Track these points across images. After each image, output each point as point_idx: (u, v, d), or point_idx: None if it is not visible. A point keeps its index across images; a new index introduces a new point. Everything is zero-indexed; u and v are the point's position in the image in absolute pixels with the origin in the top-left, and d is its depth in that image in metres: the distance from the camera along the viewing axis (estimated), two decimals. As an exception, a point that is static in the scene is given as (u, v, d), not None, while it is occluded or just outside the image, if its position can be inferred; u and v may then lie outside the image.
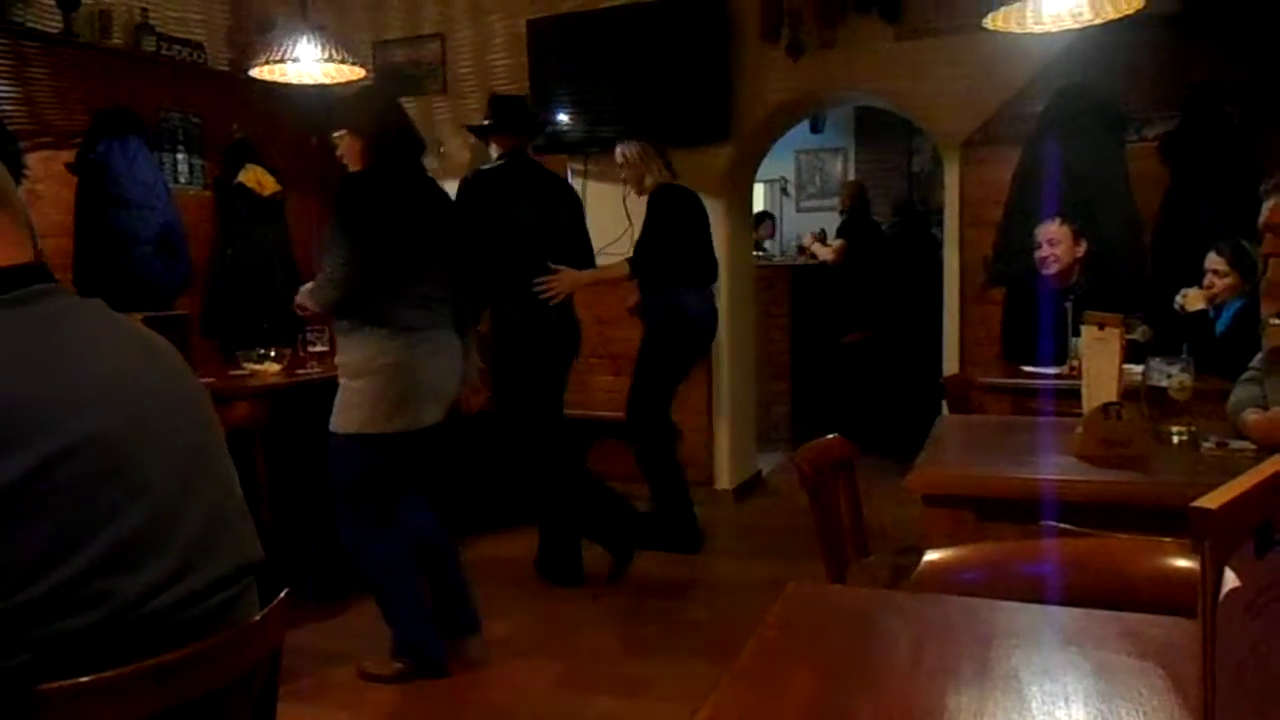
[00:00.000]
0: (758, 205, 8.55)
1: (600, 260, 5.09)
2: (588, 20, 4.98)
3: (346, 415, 2.81)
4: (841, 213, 6.75)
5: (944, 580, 1.25)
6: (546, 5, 5.13)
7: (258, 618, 1.26)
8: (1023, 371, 3.42)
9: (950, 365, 4.59)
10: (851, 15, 4.55)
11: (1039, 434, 2.26)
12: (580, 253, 3.90)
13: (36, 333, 1.11)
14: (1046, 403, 2.99)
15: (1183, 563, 1.18)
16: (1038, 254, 3.78)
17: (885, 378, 6.02)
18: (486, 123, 3.86)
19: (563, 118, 5.07)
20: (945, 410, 3.55)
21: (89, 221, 4.26)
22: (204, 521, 1.18)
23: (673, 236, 4.08)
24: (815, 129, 8.64)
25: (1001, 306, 4.22)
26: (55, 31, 4.18)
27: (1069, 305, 3.48)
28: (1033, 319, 3.64)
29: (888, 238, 6.78)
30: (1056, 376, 3.25)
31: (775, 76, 4.76)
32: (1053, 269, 3.75)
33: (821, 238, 6.98)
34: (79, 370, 1.11)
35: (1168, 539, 1.22)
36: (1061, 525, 1.52)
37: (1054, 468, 1.84)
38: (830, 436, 2.41)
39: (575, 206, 4.02)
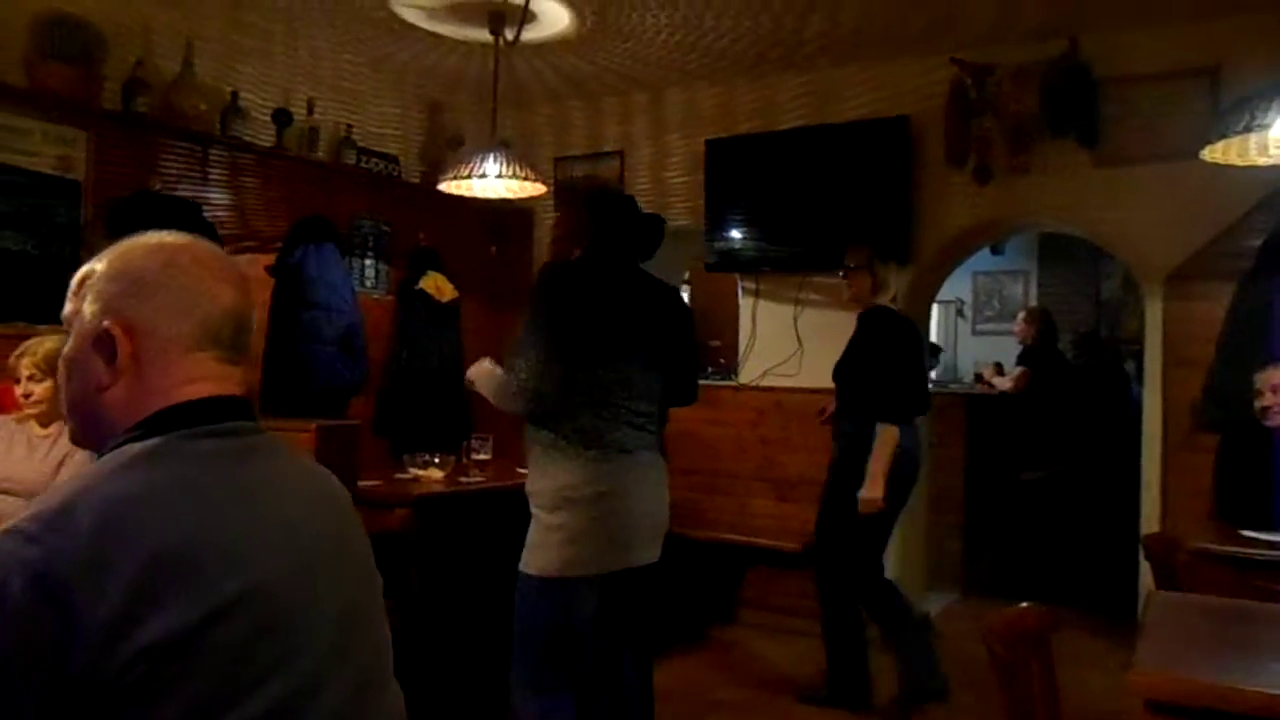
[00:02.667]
0: (932, 328, 8.30)
1: (768, 380, 4.99)
2: (766, 141, 4.98)
3: (542, 554, 2.38)
4: (1022, 342, 6.40)
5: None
6: (725, 125, 5.17)
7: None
8: (1244, 538, 3.03)
9: (1150, 519, 4.17)
10: (1045, 140, 4.35)
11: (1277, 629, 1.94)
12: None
13: (222, 472, 1.07)
14: (1276, 579, 2.61)
15: None
16: (1259, 403, 3.40)
17: (1070, 520, 5.56)
18: None
19: (736, 236, 5.04)
20: (1145, 572, 3.19)
21: (281, 322, 4.47)
22: (354, 687, 1.10)
23: (886, 362, 3.68)
24: (995, 250, 8.32)
25: (1214, 456, 3.81)
26: (268, 145, 4.48)
27: (1300, 464, 3.10)
28: (1255, 475, 3.26)
29: (1073, 369, 6.37)
30: (1286, 547, 2.86)
31: (960, 201, 4.60)
32: (1277, 420, 3.36)
33: (999, 370, 6.63)
34: (257, 518, 1.07)
35: None
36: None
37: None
38: (1024, 605, 2.16)
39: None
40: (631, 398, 2.45)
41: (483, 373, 2.56)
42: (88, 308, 1.11)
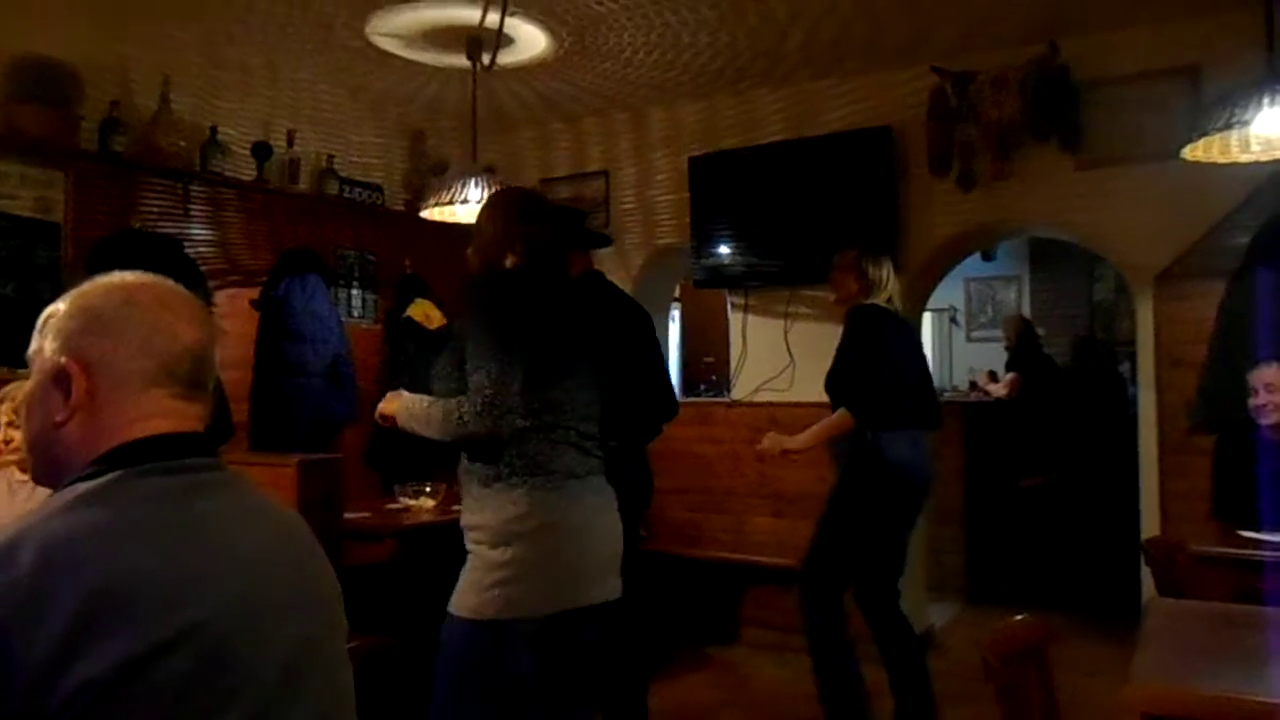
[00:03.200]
0: (925, 335, 8.27)
1: (761, 395, 4.96)
2: (750, 156, 4.96)
3: (477, 595, 2.08)
4: (1007, 349, 6.39)
5: None
6: (708, 141, 5.16)
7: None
8: (1242, 538, 2.99)
9: (1150, 522, 4.12)
10: (1028, 145, 4.34)
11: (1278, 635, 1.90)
12: None
13: (171, 509, 1.07)
14: (1276, 582, 2.58)
15: None
16: (1253, 401, 3.37)
17: (1069, 527, 5.53)
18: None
19: (724, 252, 5.02)
20: (1148, 577, 3.15)
21: (266, 354, 4.45)
22: None
23: (872, 360, 3.37)
24: (987, 257, 8.31)
25: (1211, 458, 3.78)
26: (249, 179, 4.46)
27: (1295, 462, 3.07)
28: (1251, 475, 3.23)
29: (1063, 372, 6.35)
30: (1285, 547, 2.83)
31: (946, 209, 4.58)
32: (1272, 418, 3.32)
33: (994, 377, 6.62)
34: (205, 555, 1.06)
35: None
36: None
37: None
38: (1020, 618, 2.12)
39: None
40: (579, 419, 2.24)
41: (408, 406, 2.22)
42: (48, 345, 1.12)
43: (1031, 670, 2.10)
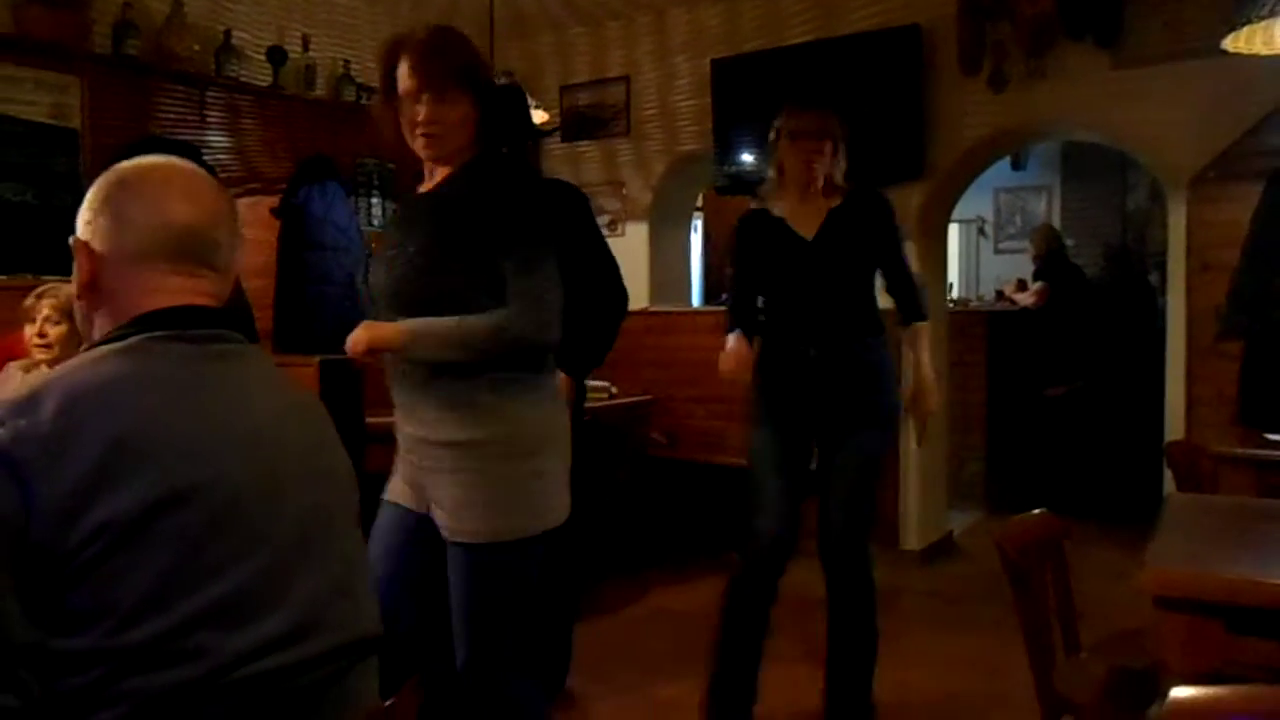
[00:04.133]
0: (952, 246, 8.16)
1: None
2: (773, 58, 4.83)
3: (530, 507, 1.89)
4: (1035, 259, 6.28)
5: (1197, 729, 0.99)
6: (731, 45, 5.03)
7: (388, 704, 1.17)
8: (1267, 440, 2.96)
9: (1174, 428, 4.09)
10: (1062, 43, 4.19)
11: (1301, 524, 1.89)
12: None
13: (188, 370, 1.12)
14: (1300, 480, 2.56)
15: None
16: (1285, 304, 3.31)
17: (1093, 435, 5.50)
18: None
19: (746, 158, 4.93)
20: (1170, 482, 3.14)
21: (288, 263, 4.45)
22: (322, 587, 1.13)
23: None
24: (1017, 165, 8.13)
25: (1239, 363, 3.72)
26: (265, 85, 4.41)
27: (1326, 366, 3.02)
28: (1278, 379, 3.18)
29: (1091, 282, 6.25)
30: (1311, 448, 2.80)
31: (975, 111, 4.45)
32: (1303, 322, 3.27)
33: (1022, 287, 6.52)
34: (220, 415, 1.11)
35: None
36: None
37: (1329, 574, 1.51)
38: (1037, 512, 2.13)
39: None
40: None
41: (423, 331, 1.85)
42: (77, 224, 1.22)
43: (1048, 564, 2.12)
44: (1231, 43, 2.82)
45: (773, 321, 2.88)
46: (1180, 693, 1.01)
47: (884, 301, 2.86)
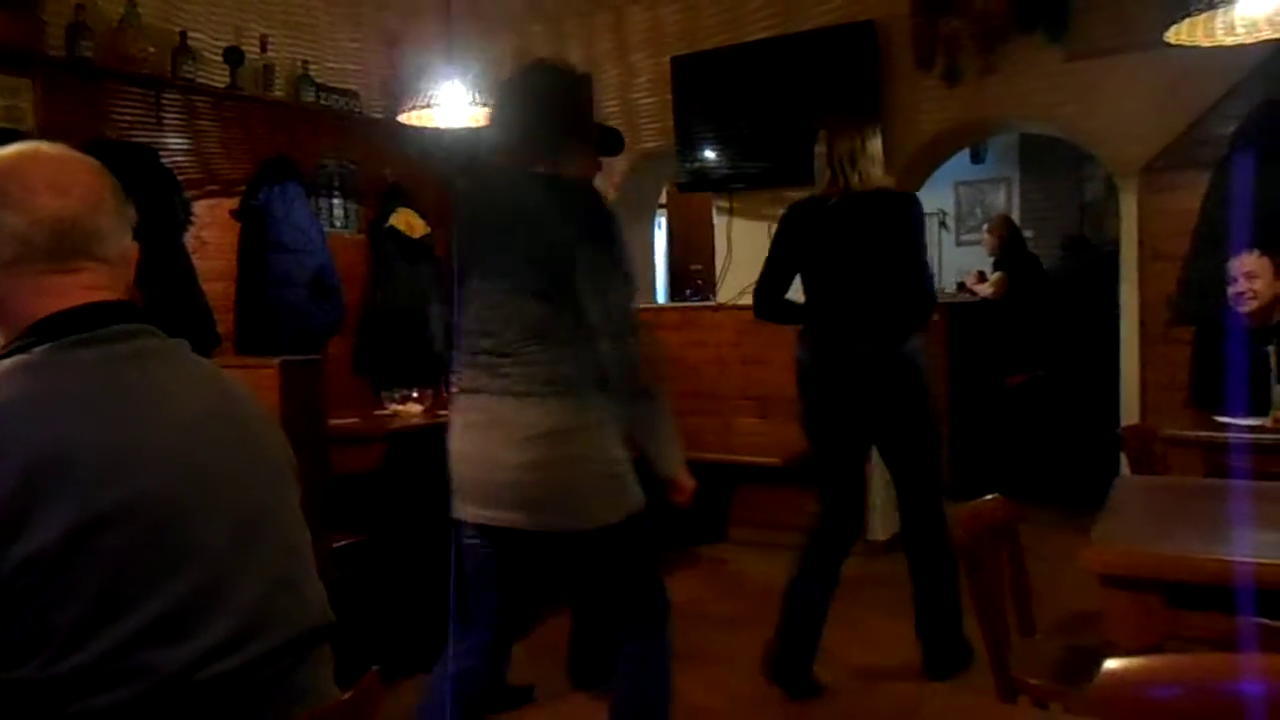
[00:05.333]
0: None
1: (746, 298, 4.96)
2: (733, 55, 4.87)
3: (631, 491, 2.10)
4: (991, 254, 6.38)
5: (1127, 697, 1.03)
6: (691, 42, 5.06)
7: (346, 695, 1.18)
8: (1216, 423, 3.04)
9: (1129, 413, 4.18)
10: (1014, 37, 4.26)
11: (1240, 503, 1.95)
12: None
13: (102, 378, 1.06)
14: (1244, 461, 2.62)
15: None
16: (1232, 290, 3.38)
17: (1053, 423, 5.59)
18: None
19: (708, 155, 4.97)
20: (1124, 465, 3.21)
21: (249, 265, 4.43)
22: (264, 585, 1.10)
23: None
24: (976, 159, 8.23)
25: (1190, 349, 3.81)
26: (222, 86, 4.38)
27: (1271, 349, 3.10)
28: (1227, 363, 3.26)
29: (1049, 273, 6.36)
30: (1256, 430, 2.87)
31: (931, 105, 4.52)
32: (1249, 306, 3.34)
33: (983, 278, 6.61)
34: (142, 425, 1.05)
35: None
36: (1276, 624, 1.26)
37: (1264, 548, 1.56)
38: (990, 497, 2.17)
39: None
40: None
41: (667, 437, 2.20)
42: None
43: (1002, 547, 2.17)
44: (1174, 35, 2.88)
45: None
46: (1113, 664, 1.05)
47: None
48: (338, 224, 4.99)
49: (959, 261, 8.41)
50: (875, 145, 3.15)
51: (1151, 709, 1.00)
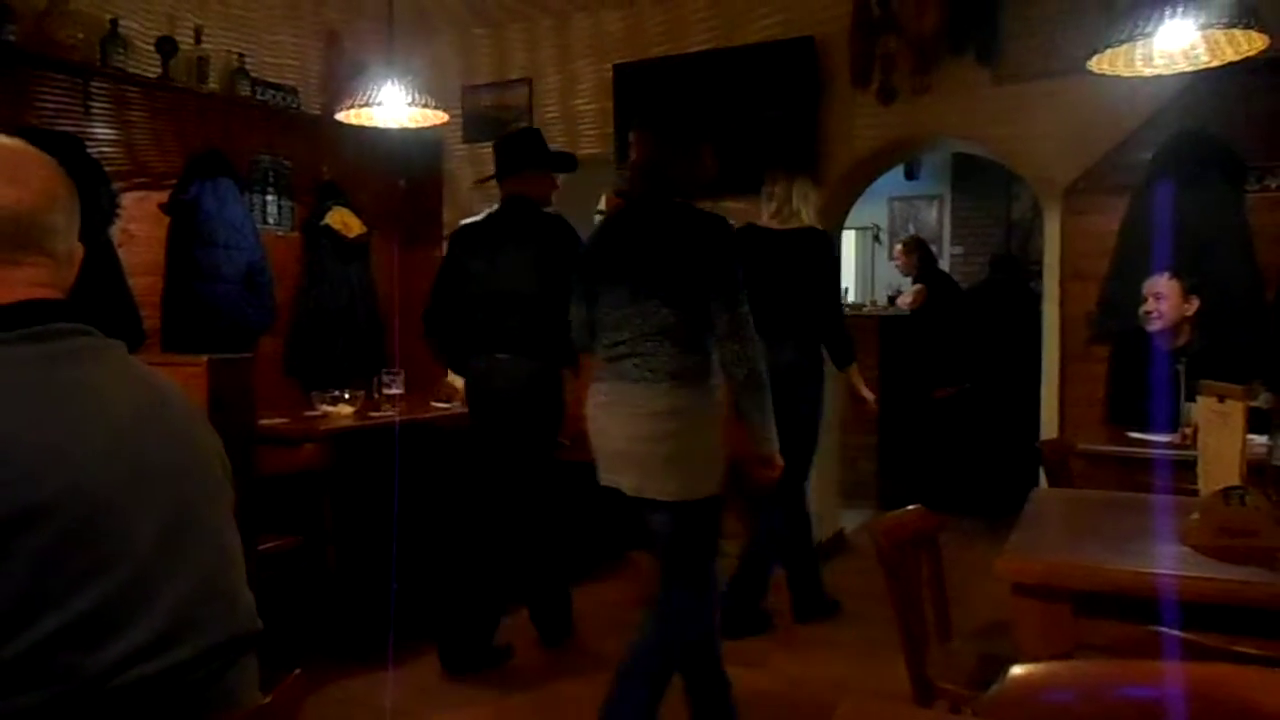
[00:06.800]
0: (848, 253, 8.37)
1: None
2: (675, 65, 4.92)
3: (713, 472, 2.46)
4: (906, 274, 6.55)
5: (1029, 701, 1.07)
6: (634, 50, 5.09)
7: (267, 699, 1.17)
8: (1129, 438, 3.16)
9: (1049, 427, 4.31)
10: (947, 59, 4.37)
11: (1149, 516, 2.03)
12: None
13: (38, 376, 1.04)
14: (1157, 475, 2.73)
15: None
16: (1143, 309, 3.53)
17: (977, 435, 5.74)
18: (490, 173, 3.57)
19: (647, 162, 4.99)
20: (1043, 478, 3.32)
21: (178, 260, 4.34)
22: (192, 590, 1.08)
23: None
24: (910, 175, 8.42)
25: (1107, 365, 3.95)
26: (154, 76, 4.29)
27: (1181, 367, 3.23)
28: (1141, 380, 3.39)
29: (961, 287, 6.55)
30: (1167, 445, 2.99)
31: (866, 122, 4.61)
32: (1156, 325, 3.48)
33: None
34: (74, 423, 1.04)
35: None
36: (1176, 633, 1.32)
37: (1167, 560, 1.63)
38: (911, 508, 2.23)
39: (542, 249, 3.44)
40: None
41: (761, 411, 2.48)
42: None
43: (923, 556, 2.22)
44: (1096, 64, 2.99)
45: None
46: (1017, 670, 1.10)
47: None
48: (271, 221, 4.90)
49: (891, 275, 8.58)
50: (809, 190, 3.94)
51: (1050, 713, 1.04)
